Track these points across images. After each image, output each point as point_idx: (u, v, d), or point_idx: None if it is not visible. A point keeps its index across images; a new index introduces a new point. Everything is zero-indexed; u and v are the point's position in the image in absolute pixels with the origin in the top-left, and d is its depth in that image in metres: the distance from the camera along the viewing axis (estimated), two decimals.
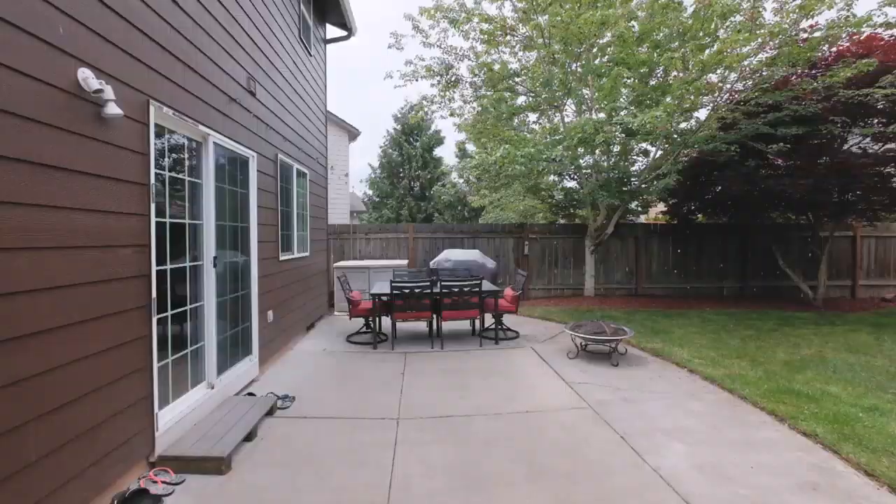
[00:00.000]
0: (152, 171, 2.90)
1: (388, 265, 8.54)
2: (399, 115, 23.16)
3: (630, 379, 4.77)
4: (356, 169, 55.96)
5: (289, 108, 6.03)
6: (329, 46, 8.57)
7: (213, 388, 3.72)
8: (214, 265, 3.77)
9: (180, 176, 3.42)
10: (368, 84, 76.88)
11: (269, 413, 3.87)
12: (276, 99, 5.53)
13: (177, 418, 3.17)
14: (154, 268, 2.90)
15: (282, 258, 5.64)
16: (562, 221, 12.13)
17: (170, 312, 3.22)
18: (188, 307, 3.49)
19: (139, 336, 2.81)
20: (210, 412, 3.59)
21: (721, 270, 10.44)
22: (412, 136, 23.26)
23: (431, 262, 9.00)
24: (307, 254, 6.88)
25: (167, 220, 3.19)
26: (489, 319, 6.66)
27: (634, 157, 10.25)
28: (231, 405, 3.78)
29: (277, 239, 5.49)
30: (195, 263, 3.60)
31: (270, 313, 5.19)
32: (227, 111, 4.12)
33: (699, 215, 10.58)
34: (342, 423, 3.76)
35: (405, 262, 9.13)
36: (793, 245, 10.02)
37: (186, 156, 3.50)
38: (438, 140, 23.58)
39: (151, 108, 2.88)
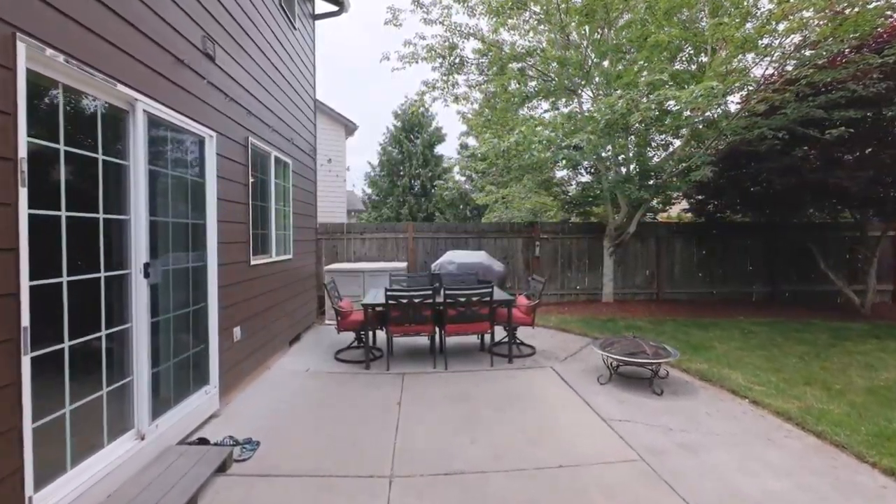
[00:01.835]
0: (22, 139, 1.96)
1: (384, 268, 7.61)
2: (399, 112, 22.15)
3: (680, 413, 3.84)
4: (355, 167, 55.23)
5: (265, 84, 5.10)
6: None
7: (143, 438, 2.79)
8: (146, 274, 2.84)
9: (89, 154, 2.48)
10: (368, 84, 76.11)
11: (222, 468, 2.94)
12: (247, 70, 4.60)
13: (78, 493, 2.24)
14: (27, 283, 1.97)
15: (254, 262, 4.71)
16: (575, 219, 11.18)
17: (67, 343, 2.28)
18: (103, 333, 2.55)
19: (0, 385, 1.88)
20: (137, 473, 2.67)
21: (749, 273, 9.52)
22: (413, 134, 22.26)
23: (433, 265, 8.05)
24: (289, 256, 5.94)
25: (62, 213, 2.25)
26: (500, 331, 5.71)
27: (654, 150, 9.32)
28: (169, 460, 2.85)
29: (248, 239, 4.55)
30: (116, 273, 2.67)
31: (238, 330, 4.26)
32: (171, 74, 3.20)
33: (728, 212, 9.61)
34: (317, 483, 2.84)
35: (404, 264, 8.20)
36: (830, 246, 9.11)
37: (100, 126, 2.56)
38: (440, 137, 22.57)
39: (20, 46, 1.95)
